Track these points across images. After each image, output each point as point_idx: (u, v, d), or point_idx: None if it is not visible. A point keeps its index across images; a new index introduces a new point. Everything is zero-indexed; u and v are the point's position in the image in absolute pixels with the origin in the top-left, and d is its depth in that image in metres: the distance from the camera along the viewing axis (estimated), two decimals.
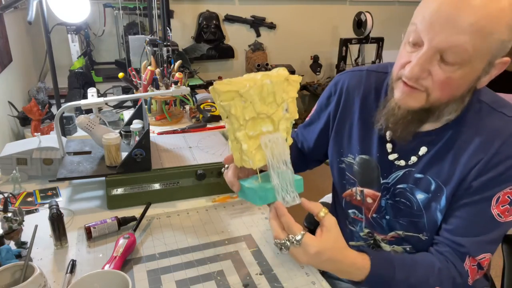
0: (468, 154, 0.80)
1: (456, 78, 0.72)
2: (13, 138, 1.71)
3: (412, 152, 0.87)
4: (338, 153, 1.00)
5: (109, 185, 1.08)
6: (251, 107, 0.70)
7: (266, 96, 0.71)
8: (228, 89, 0.69)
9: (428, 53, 0.70)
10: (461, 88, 0.75)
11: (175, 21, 3.31)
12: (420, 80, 0.73)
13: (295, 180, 0.75)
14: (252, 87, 0.69)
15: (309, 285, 0.85)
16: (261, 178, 0.77)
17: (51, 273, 0.85)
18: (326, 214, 0.72)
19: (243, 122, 0.71)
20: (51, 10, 1.36)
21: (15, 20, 2.11)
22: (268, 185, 0.74)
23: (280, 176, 0.72)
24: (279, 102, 0.72)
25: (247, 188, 0.77)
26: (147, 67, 1.67)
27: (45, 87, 1.82)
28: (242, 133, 0.72)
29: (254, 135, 0.73)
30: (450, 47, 0.68)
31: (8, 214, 0.87)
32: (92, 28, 2.78)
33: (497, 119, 0.80)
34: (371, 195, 0.94)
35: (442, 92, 0.74)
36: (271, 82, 0.70)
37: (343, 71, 1.03)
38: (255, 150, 0.73)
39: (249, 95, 0.69)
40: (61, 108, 1.12)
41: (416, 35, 0.72)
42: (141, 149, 1.08)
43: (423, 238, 0.89)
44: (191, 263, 0.90)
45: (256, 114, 0.71)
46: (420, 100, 0.76)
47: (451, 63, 0.70)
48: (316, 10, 3.78)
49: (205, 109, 1.74)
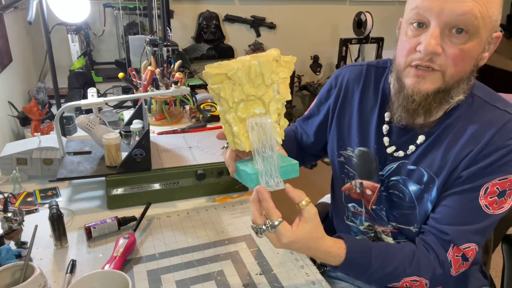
0: (460, 145, 0.81)
1: (467, 50, 0.74)
2: (13, 138, 1.70)
3: (409, 142, 0.87)
4: (337, 146, 1.01)
5: (109, 185, 1.08)
6: (240, 89, 0.70)
7: (254, 77, 0.70)
8: (217, 71, 0.69)
9: (439, 28, 0.72)
10: (471, 61, 0.76)
11: (175, 21, 3.31)
12: (435, 58, 0.74)
13: (290, 164, 0.75)
14: (240, 69, 0.69)
15: (309, 285, 0.85)
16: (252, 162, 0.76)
17: (51, 273, 0.85)
18: (307, 204, 0.72)
19: (232, 104, 0.71)
20: (51, 10, 1.36)
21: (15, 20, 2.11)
22: None
23: (265, 160, 0.72)
24: (268, 83, 0.71)
25: (241, 170, 0.77)
26: (147, 67, 1.67)
27: (45, 87, 1.81)
28: (232, 115, 0.72)
29: (246, 118, 0.72)
30: (460, 16, 0.70)
31: (8, 214, 0.87)
32: (92, 28, 2.78)
33: (490, 112, 0.81)
34: (370, 186, 0.94)
35: (456, 67, 0.75)
36: (259, 63, 0.69)
37: (344, 66, 1.04)
38: (247, 132, 0.73)
39: (237, 77, 0.69)
40: (61, 108, 1.12)
41: (420, 18, 0.74)
42: (141, 149, 1.08)
43: (414, 230, 0.90)
44: (191, 263, 0.90)
45: (246, 96, 0.71)
46: (436, 80, 0.77)
47: (461, 35, 0.72)
48: (316, 10, 3.78)
49: (205, 109, 1.74)
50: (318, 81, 3.87)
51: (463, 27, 0.71)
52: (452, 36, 0.73)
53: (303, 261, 0.92)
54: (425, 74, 0.77)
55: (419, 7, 0.74)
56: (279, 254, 0.94)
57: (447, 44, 0.73)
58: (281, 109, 0.75)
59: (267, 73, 0.70)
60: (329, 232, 0.78)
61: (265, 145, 0.72)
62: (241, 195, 1.20)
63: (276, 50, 0.74)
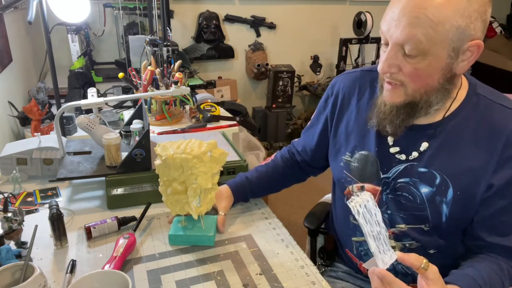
0: (475, 147, 0.82)
1: (423, 68, 0.77)
2: (13, 138, 1.71)
3: (413, 147, 0.88)
4: (337, 152, 1.02)
5: (109, 185, 1.08)
6: (168, 171, 0.90)
7: (177, 167, 0.89)
8: (159, 152, 0.90)
9: (392, 49, 0.78)
10: (433, 76, 0.79)
11: (175, 21, 3.30)
12: (394, 75, 0.80)
13: (214, 218, 1.00)
14: (168, 158, 0.88)
15: (309, 285, 0.85)
16: (185, 221, 0.98)
17: (51, 273, 0.85)
18: (428, 265, 0.70)
19: (162, 181, 0.93)
20: (51, 10, 1.36)
21: (15, 20, 2.11)
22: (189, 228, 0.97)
23: (376, 240, 0.71)
24: (188, 174, 0.89)
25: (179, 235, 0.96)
26: (147, 67, 1.67)
27: (45, 87, 1.81)
28: (161, 188, 0.93)
29: (171, 192, 0.92)
30: (405, 40, 0.75)
31: (8, 214, 0.87)
32: (92, 28, 2.78)
33: (498, 111, 0.83)
34: (371, 189, 0.94)
35: (415, 83, 0.79)
36: (180, 159, 0.87)
37: (339, 74, 1.07)
38: (172, 203, 0.94)
39: (166, 163, 0.89)
40: (61, 108, 1.12)
41: (383, 37, 0.79)
42: (141, 149, 1.08)
43: (426, 229, 0.90)
44: (191, 263, 0.90)
45: (172, 178, 0.90)
46: (400, 94, 0.82)
47: (413, 55, 0.76)
48: (316, 10, 3.77)
49: (205, 109, 1.74)
50: (318, 81, 3.86)
51: (411, 49, 0.75)
52: (406, 56, 0.77)
53: (303, 261, 0.92)
54: (392, 88, 0.83)
55: (381, 29, 0.80)
56: (279, 254, 0.94)
57: (403, 62, 0.78)
58: (198, 194, 0.91)
59: (186, 167, 0.88)
60: (331, 232, 0.78)
61: (372, 223, 0.72)
62: None
63: (210, 144, 0.90)
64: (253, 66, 3.57)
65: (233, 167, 1.18)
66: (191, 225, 0.98)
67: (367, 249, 1.00)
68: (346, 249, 1.06)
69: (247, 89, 3.81)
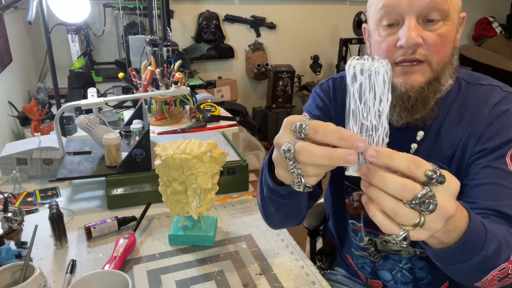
0: (460, 127, 0.81)
1: (445, 35, 0.75)
2: (13, 138, 1.71)
3: (409, 139, 0.85)
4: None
5: (109, 185, 1.08)
6: (168, 172, 0.90)
7: (177, 167, 0.89)
8: (159, 152, 0.91)
9: (414, 19, 0.73)
10: (450, 44, 0.78)
11: (175, 21, 3.31)
12: (418, 49, 0.74)
13: (214, 218, 1.01)
14: (168, 158, 0.88)
15: (309, 285, 0.85)
16: (185, 221, 0.98)
17: (51, 273, 0.85)
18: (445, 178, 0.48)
19: (162, 181, 0.93)
20: (51, 10, 1.36)
21: (15, 20, 2.11)
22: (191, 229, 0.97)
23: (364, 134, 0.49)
24: (187, 174, 0.89)
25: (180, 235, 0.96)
26: (147, 67, 1.67)
27: (45, 87, 1.81)
28: (161, 188, 0.93)
29: (171, 192, 0.93)
30: (430, 3, 0.72)
31: (8, 214, 0.87)
32: (92, 28, 2.78)
33: (476, 91, 0.83)
34: None
35: (439, 53, 0.76)
36: (179, 158, 0.87)
37: (311, 92, 1.02)
38: (172, 203, 0.93)
39: (165, 163, 0.89)
40: (61, 108, 1.12)
41: (391, 15, 0.75)
42: (141, 149, 1.08)
43: None
44: (191, 263, 0.90)
45: (172, 178, 0.91)
46: (425, 71, 0.76)
47: (436, 20, 0.74)
48: (316, 10, 3.78)
49: (205, 109, 1.74)
50: (318, 81, 3.86)
51: (435, 13, 0.73)
52: (427, 25, 0.74)
53: (303, 261, 0.92)
54: (412, 68, 0.76)
55: (387, 5, 0.74)
56: (279, 254, 0.94)
57: (425, 33, 0.74)
58: (198, 193, 0.91)
59: (186, 167, 0.88)
60: (329, 235, 0.77)
61: (368, 109, 0.50)
62: (241, 195, 1.20)
63: (210, 144, 0.90)
64: (253, 66, 3.57)
65: (233, 167, 1.18)
66: (191, 225, 0.98)
67: (363, 262, 0.99)
68: (347, 255, 1.05)
69: (247, 89, 3.82)
